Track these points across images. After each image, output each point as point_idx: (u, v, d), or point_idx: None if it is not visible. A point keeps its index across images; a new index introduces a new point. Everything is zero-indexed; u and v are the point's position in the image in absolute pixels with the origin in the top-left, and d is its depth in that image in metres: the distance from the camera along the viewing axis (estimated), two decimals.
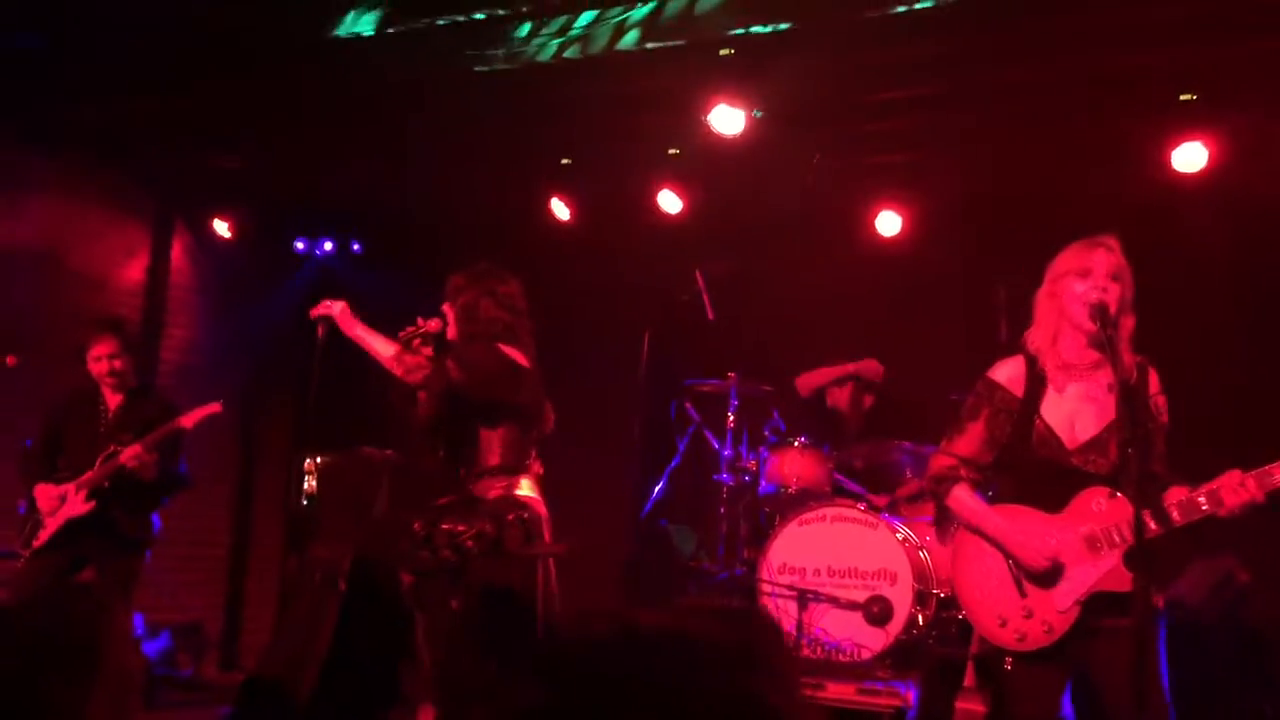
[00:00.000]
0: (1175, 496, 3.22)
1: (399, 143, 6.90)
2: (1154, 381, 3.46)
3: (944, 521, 5.69)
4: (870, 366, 6.73)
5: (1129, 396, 3.29)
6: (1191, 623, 5.10)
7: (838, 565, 5.70)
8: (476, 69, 5.55)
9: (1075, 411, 3.39)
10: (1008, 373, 3.52)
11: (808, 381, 6.81)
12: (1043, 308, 3.52)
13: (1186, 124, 5.66)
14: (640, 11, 4.85)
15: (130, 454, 5.10)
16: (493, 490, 4.43)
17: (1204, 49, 5.05)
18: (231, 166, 7.31)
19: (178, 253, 8.03)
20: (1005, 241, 6.78)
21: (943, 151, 6.53)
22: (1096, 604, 3.24)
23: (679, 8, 4.81)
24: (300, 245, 8.50)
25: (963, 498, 3.48)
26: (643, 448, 6.98)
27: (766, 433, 6.46)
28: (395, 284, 8.27)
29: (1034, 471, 3.39)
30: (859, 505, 5.87)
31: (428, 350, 4.47)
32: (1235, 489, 3.13)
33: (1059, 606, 3.28)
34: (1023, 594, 3.33)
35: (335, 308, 4.44)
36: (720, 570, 6.28)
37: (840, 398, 6.80)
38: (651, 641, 1.20)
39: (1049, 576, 3.30)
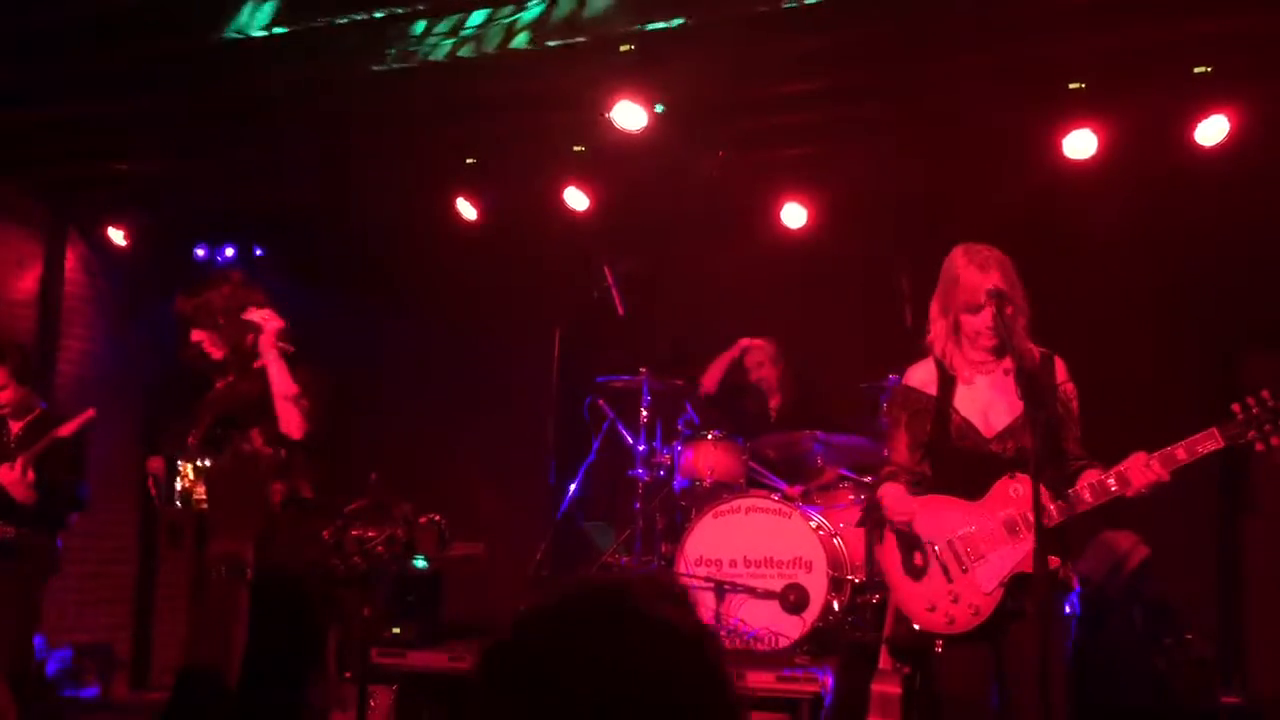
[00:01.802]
0: (1089, 478, 3.38)
1: (299, 144, 6.79)
2: (1060, 370, 3.61)
3: (873, 516, 5.80)
4: (753, 343, 6.83)
5: (1029, 384, 3.39)
6: (1094, 596, 5.24)
7: (754, 556, 5.74)
8: (374, 68, 5.47)
9: (987, 402, 3.54)
10: (919, 376, 3.68)
11: (710, 377, 6.86)
12: (939, 322, 3.62)
13: (1076, 112, 5.80)
14: (531, 12, 4.82)
15: (3, 470, 4.96)
16: None
17: (1091, 37, 5.18)
18: (126, 170, 7.12)
19: (72, 262, 7.80)
20: (908, 230, 6.90)
21: (844, 143, 6.62)
22: (1018, 585, 3.39)
23: (569, 9, 4.79)
24: (201, 251, 8.30)
25: (885, 489, 3.65)
26: (557, 446, 6.97)
27: (680, 427, 6.48)
28: (300, 288, 8.15)
29: (956, 461, 3.55)
30: (773, 496, 5.92)
31: None
32: (1141, 470, 3.30)
33: (984, 589, 3.43)
34: (949, 579, 3.48)
35: (270, 324, 4.29)
36: (638, 565, 6.29)
37: (750, 383, 6.89)
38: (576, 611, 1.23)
39: (974, 561, 3.44)
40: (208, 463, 4.26)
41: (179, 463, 4.23)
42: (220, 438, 4.32)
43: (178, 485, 4.24)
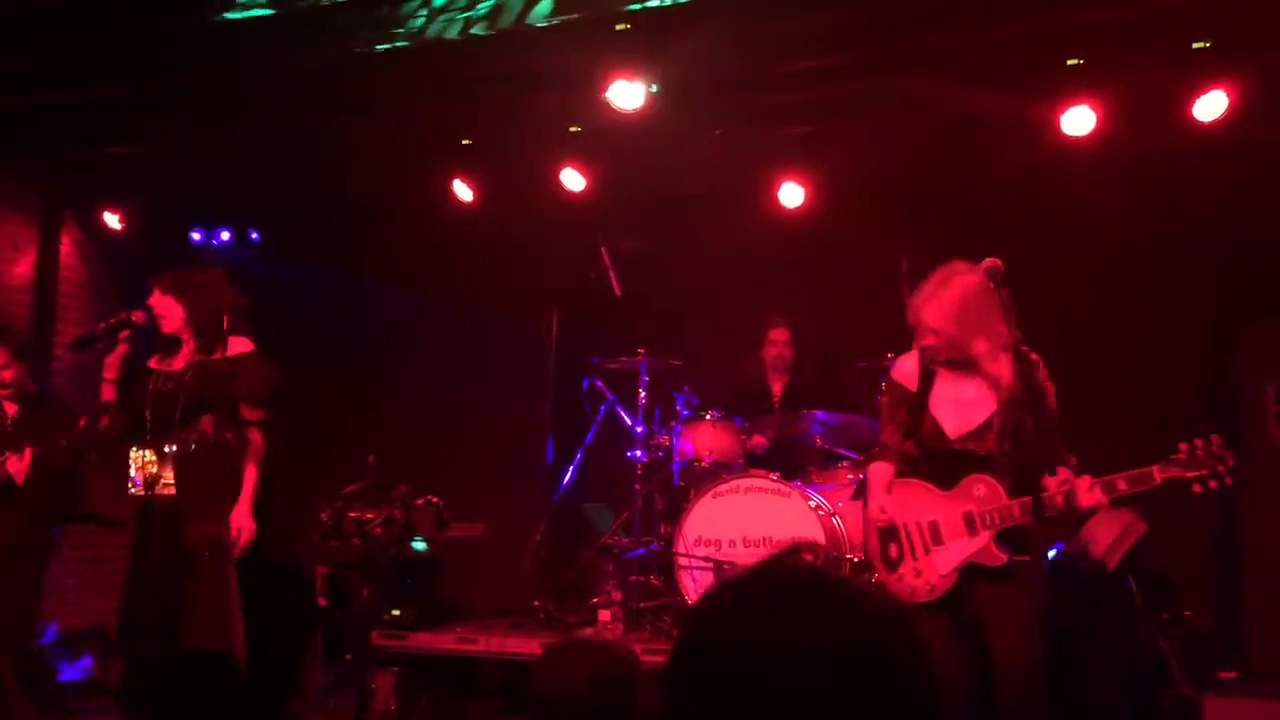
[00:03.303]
0: (1052, 485, 3.65)
1: (295, 126, 6.75)
2: (1039, 371, 3.79)
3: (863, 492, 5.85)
4: (776, 335, 6.75)
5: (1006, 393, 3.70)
6: (1092, 572, 5.25)
7: (752, 535, 5.74)
8: (374, 48, 5.44)
9: (961, 401, 3.82)
10: (904, 368, 3.98)
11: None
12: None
13: (1074, 88, 5.77)
14: None
15: (13, 461, 4.96)
16: None
17: (1089, 12, 5.15)
18: (121, 154, 7.08)
19: (67, 247, 7.77)
20: (907, 209, 6.89)
21: (841, 122, 6.58)
22: (972, 573, 3.75)
23: None
24: (197, 235, 8.28)
25: (873, 469, 4.04)
26: (555, 427, 6.97)
27: (679, 407, 6.47)
28: (296, 270, 8.15)
29: (931, 453, 3.87)
30: (772, 476, 5.92)
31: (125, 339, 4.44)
32: (1085, 493, 3.58)
33: (941, 571, 3.80)
34: (914, 556, 3.85)
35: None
36: (637, 546, 6.29)
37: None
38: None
39: (935, 545, 3.80)
40: (173, 448, 4.24)
41: (137, 449, 4.21)
42: (189, 420, 4.32)
43: (131, 470, 4.21)
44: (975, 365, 3.75)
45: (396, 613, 5.87)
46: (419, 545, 5.91)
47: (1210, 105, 5.64)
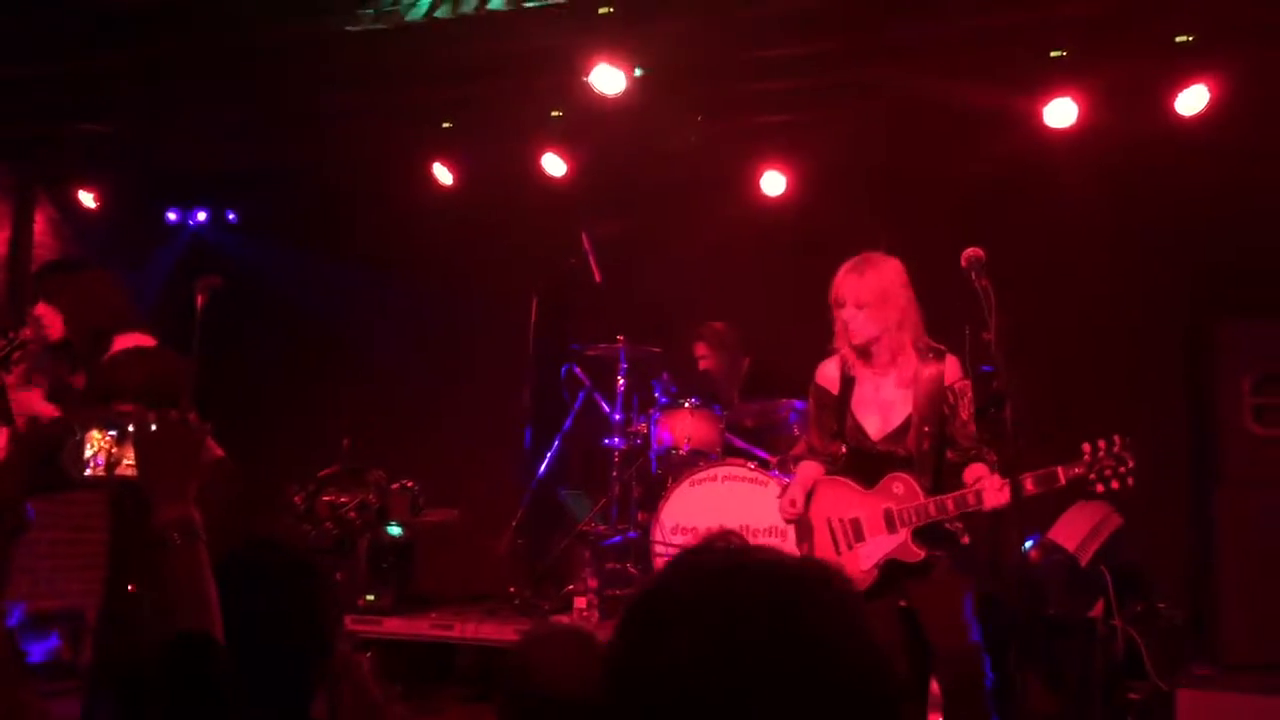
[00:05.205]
0: (969, 477, 3.78)
1: (272, 106, 6.68)
2: (951, 370, 3.90)
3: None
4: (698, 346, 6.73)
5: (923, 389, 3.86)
6: (1067, 565, 5.26)
7: (729, 524, 5.70)
8: (349, 28, 5.38)
9: (881, 403, 3.95)
10: (827, 373, 4.11)
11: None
12: (836, 325, 4.00)
13: (1057, 80, 5.76)
14: None
15: None
16: None
17: (1072, 5, 5.15)
18: (94, 131, 6.99)
19: (41, 225, 7.68)
20: (888, 199, 6.87)
21: (825, 110, 6.55)
22: (894, 568, 3.87)
23: None
24: (173, 215, 8.20)
25: (800, 468, 4.18)
26: (533, 414, 6.91)
27: (657, 395, 6.45)
28: (273, 252, 8.08)
29: (853, 452, 4.00)
30: (749, 464, 5.91)
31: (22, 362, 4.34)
32: (994, 492, 3.66)
33: (862, 567, 3.90)
34: (838, 552, 3.94)
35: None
36: (614, 533, 6.28)
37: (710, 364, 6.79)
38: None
39: (856, 542, 3.91)
40: (132, 428, 4.16)
41: (96, 430, 4.12)
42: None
43: (88, 451, 4.11)
44: (892, 360, 3.87)
45: (371, 598, 5.84)
46: (394, 530, 5.88)
47: (1192, 100, 5.65)
